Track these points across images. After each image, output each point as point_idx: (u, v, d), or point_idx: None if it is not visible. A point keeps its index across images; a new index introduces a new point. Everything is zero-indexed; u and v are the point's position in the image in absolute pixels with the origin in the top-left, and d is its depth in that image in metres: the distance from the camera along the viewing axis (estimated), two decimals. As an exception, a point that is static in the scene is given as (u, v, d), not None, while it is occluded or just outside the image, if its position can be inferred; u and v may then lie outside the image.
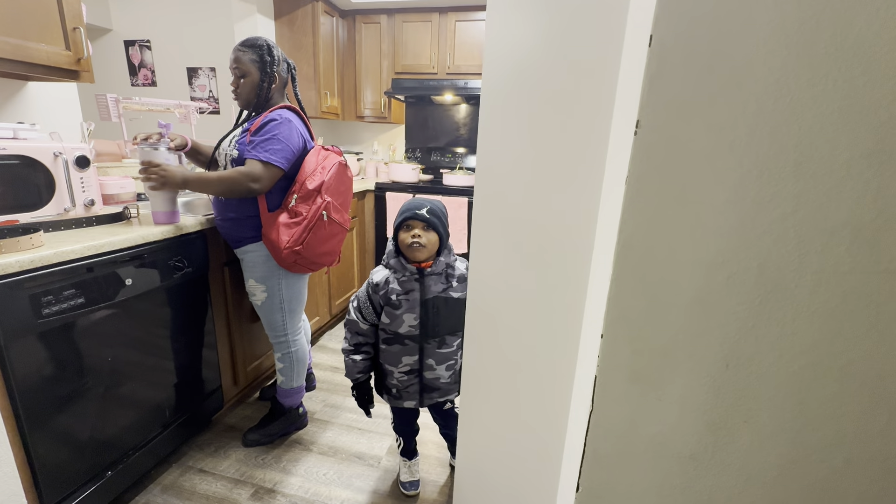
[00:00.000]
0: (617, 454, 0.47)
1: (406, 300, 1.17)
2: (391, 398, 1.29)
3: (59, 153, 1.22)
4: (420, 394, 1.26)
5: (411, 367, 1.22)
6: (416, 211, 1.14)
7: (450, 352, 1.23)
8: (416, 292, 1.17)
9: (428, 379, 1.24)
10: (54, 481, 1.09)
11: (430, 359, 1.22)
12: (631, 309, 0.42)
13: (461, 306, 1.19)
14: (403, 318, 1.17)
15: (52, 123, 1.67)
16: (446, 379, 1.25)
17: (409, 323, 1.18)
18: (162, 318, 1.37)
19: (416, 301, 1.17)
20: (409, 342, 1.20)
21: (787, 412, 0.42)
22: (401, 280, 1.17)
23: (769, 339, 0.41)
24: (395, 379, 1.24)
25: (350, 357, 1.24)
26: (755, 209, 0.38)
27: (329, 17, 2.86)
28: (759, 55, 0.35)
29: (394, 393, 1.27)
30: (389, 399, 1.29)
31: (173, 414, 1.45)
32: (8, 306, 0.95)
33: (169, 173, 1.27)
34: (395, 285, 1.17)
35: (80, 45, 1.38)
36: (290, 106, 1.42)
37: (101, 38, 2.89)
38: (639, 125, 0.38)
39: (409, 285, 1.17)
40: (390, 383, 1.26)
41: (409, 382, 1.25)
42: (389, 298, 1.17)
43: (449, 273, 1.20)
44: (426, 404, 1.29)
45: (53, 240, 1.11)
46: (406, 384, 1.25)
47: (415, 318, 1.18)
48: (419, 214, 1.13)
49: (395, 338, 1.20)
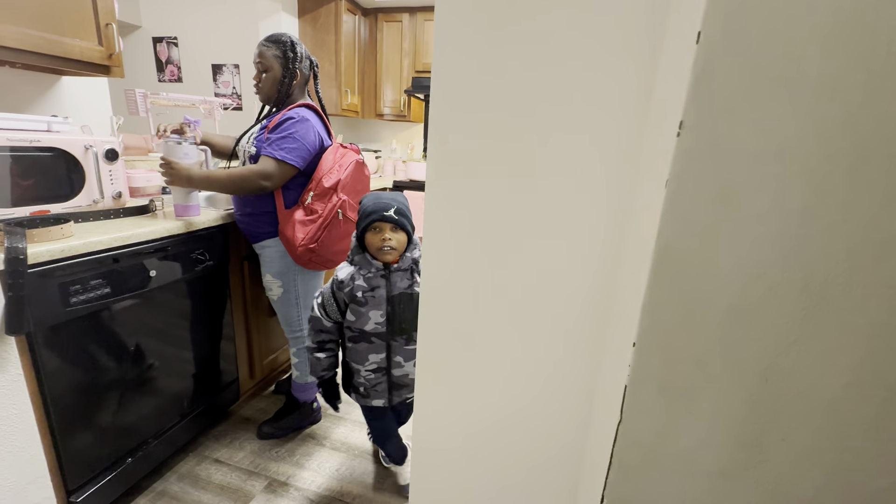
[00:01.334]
0: (644, 467, 0.45)
1: (372, 297, 1.15)
2: (359, 397, 1.26)
3: (89, 146, 1.26)
4: (389, 392, 1.24)
5: (378, 365, 1.20)
6: (384, 213, 1.10)
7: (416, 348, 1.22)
8: (383, 289, 1.15)
9: (396, 376, 1.22)
10: (77, 465, 1.13)
11: (398, 356, 1.20)
12: (665, 318, 0.41)
13: None
14: (369, 315, 1.15)
15: (83, 117, 1.72)
16: (414, 375, 1.21)
17: (376, 320, 1.16)
18: (182, 310, 1.40)
19: (382, 298, 1.15)
20: (376, 339, 1.18)
21: (827, 432, 0.40)
22: (366, 277, 1.15)
23: (811, 354, 0.39)
24: (361, 377, 1.22)
25: (314, 355, 1.23)
26: (802, 217, 0.36)
27: (352, 16, 2.88)
28: (812, 55, 0.34)
29: (361, 391, 1.25)
30: (357, 398, 1.27)
31: (191, 404, 1.48)
32: (39, 294, 0.98)
33: (175, 171, 1.29)
34: (360, 282, 1.14)
35: (112, 41, 1.42)
36: (309, 104, 1.43)
37: (130, 35, 2.97)
38: (682, 126, 0.36)
39: (375, 282, 1.15)
40: (357, 381, 1.24)
41: (376, 381, 1.22)
42: (355, 295, 1.14)
43: (414, 268, 1.18)
44: (395, 402, 1.27)
45: (82, 230, 1.14)
46: (374, 382, 1.23)
47: (381, 314, 1.16)
48: (388, 217, 1.10)
49: (360, 335, 1.18)
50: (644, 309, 0.42)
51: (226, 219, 1.49)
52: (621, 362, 0.47)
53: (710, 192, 0.38)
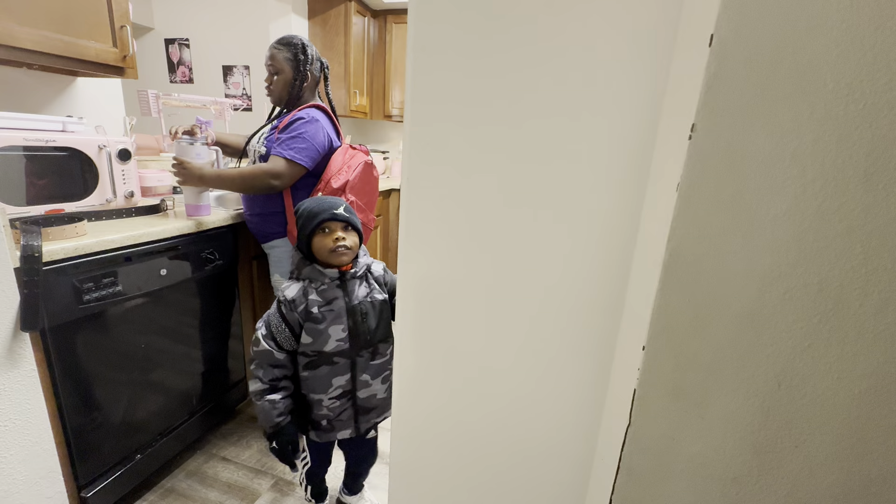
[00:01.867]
0: (654, 472, 0.45)
1: (330, 311, 1.02)
2: (320, 433, 1.09)
3: (103, 146, 1.28)
4: (355, 419, 1.10)
5: (343, 389, 1.06)
6: (334, 211, 1.00)
7: (384, 362, 1.10)
8: (341, 300, 1.03)
9: (363, 399, 1.09)
10: (88, 461, 1.14)
11: (364, 374, 1.07)
12: (676, 321, 0.41)
13: (388, 309, 1.09)
14: (329, 332, 1.02)
15: (97, 117, 1.74)
16: (382, 394, 1.11)
17: (337, 336, 1.02)
18: (192, 309, 1.42)
19: (341, 309, 1.02)
20: (339, 359, 1.04)
21: (843, 439, 0.39)
22: (320, 289, 1.02)
23: (827, 359, 0.38)
24: (324, 408, 1.06)
25: (266, 399, 1.01)
26: (818, 221, 0.36)
27: (361, 17, 2.89)
28: (828, 57, 0.33)
29: (324, 425, 1.08)
30: (318, 434, 1.10)
31: (199, 402, 1.49)
32: (53, 291, 0.99)
33: (187, 170, 1.30)
34: (314, 296, 1.01)
35: (126, 43, 1.44)
36: (319, 105, 1.44)
37: (143, 37, 3.01)
38: (694, 129, 0.36)
39: (331, 293, 1.02)
40: (319, 414, 1.07)
41: (341, 408, 1.08)
42: (310, 312, 1.00)
43: (370, 275, 1.09)
44: (363, 430, 1.13)
45: (95, 229, 1.16)
46: (338, 411, 1.07)
47: (343, 329, 1.03)
48: (338, 215, 1.00)
49: (320, 358, 1.03)
50: (654, 312, 0.42)
51: (235, 219, 1.50)
52: (630, 366, 0.47)
53: (723, 195, 0.37)
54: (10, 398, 0.91)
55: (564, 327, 0.55)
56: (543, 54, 0.47)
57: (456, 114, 0.52)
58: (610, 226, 0.51)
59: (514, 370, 0.59)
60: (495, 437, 0.62)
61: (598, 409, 0.59)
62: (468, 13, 0.49)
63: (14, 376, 0.92)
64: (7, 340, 0.90)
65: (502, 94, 0.50)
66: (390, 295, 1.11)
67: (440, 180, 0.55)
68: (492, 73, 0.49)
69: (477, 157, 0.52)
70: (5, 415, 0.91)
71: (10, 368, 0.91)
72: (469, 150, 0.53)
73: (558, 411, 0.59)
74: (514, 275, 0.55)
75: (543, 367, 0.58)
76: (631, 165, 0.49)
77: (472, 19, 0.49)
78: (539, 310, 0.55)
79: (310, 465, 1.22)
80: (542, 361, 0.57)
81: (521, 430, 0.61)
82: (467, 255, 0.56)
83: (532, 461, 0.62)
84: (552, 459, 0.61)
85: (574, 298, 0.54)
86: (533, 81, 0.48)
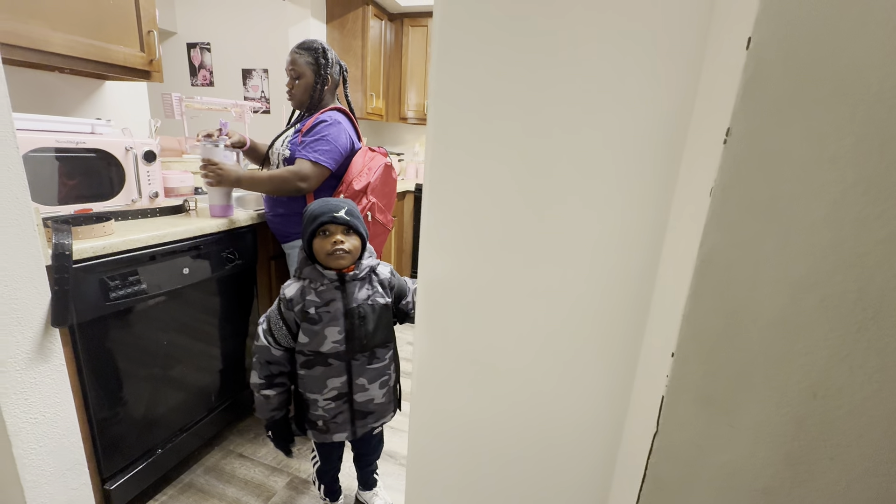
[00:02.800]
0: (681, 481, 0.44)
1: (326, 312, 1.01)
2: (317, 433, 1.10)
3: (130, 147, 1.31)
4: (352, 422, 1.10)
5: (339, 391, 1.06)
6: (334, 214, 0.99)
7: (382, 366, 1.09)
8: (338, 301, 1.02)
9: (360, 402, 1.08)
10: (112, 454, 1.17)
11: (361, 378, 1.06)
12: (707, 328, 0.40)
13: (388, 313, 1.08)
14: (325, 333, 1.01)
15: (123, 120, 1.79)
16: (381, 399, 1.11)
17: (333, 338, 1.02)
18: (212, 307, 1.44)
19: (338, 311, 1.02)
20: (334, 361, 1.03)
21: (882, 453, 0.38)
22: (318, 290, 1.02)
23: (866, 370, 0.37)
24: (319, 409, 1.06)
25: (262, 393, 1.05)
26: (858, 228, 0.35)
27: (378, 21, 2.92)
28: (872, 59, 0.32)
29: (320, 426, 1.09)
30: (315, 434, 1.11)
31: (218, 399, 1.52)
32: (82, 289, 1.02)
33: (225, 172, 1.33)
34: (312, 297, 1.01)
35: (152, 48, 1.48)
36: (340, 108, 1.46)
37: (166, 41, 3.09)
38: (729, 133, 0.36)
39: (329, 294, 1.02)
40: (315, 415, 1.07)
41: (337, 410, 1.07)
42: (307, 313, 1.01)
43: (374, 277, 1.07)
44: (360, 434, 1.12)
45: (121, 228, 1.19)
46: (334, 413, 1.07)
47: (339, 331, 1.02)
48: (338, 217, 0.99)
49: (316, 358, 1.03)
50: (685, 319, 0.41)
51: (255, 219, 1.52)
52: (658, 372, 0.46)
53: (759, 200, 0.37)
54: (40, 392, 0.94)
55: (586, 331, 0.54)
56: (571, 52, 0.47)
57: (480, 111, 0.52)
58: (635, 229, 0.50)
59: (533, 371, 0.58)
60: (513, 440, 0.62)
61: (621, 415, 0.58)
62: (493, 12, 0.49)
63: (44, 370, 0.95)
64: (38, 335, 0.92)
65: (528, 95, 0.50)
66: (397, 298, 1.10)
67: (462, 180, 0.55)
68: (518, 71, 0.49)
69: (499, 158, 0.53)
70: (36, 408, 0.94)
71: (41, 363, 0.94)
72: (491, 149, 0.53)
73: (578, 415, 0.58)
74: (536, 276, 0.54)
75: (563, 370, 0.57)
76: (657, 168, 0.48)
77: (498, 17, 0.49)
78: (559, 312, 0.55)
79: (319, 464, 1.23)
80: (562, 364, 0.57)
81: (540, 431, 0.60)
82: (489, 255, 0.56)
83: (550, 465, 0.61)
84: (571, 464, 0.61)
85: (597, 303, 0.53)
86: (559, 78, 0.48)
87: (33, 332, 0.91)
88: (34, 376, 0.93)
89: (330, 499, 1.30)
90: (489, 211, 0.55)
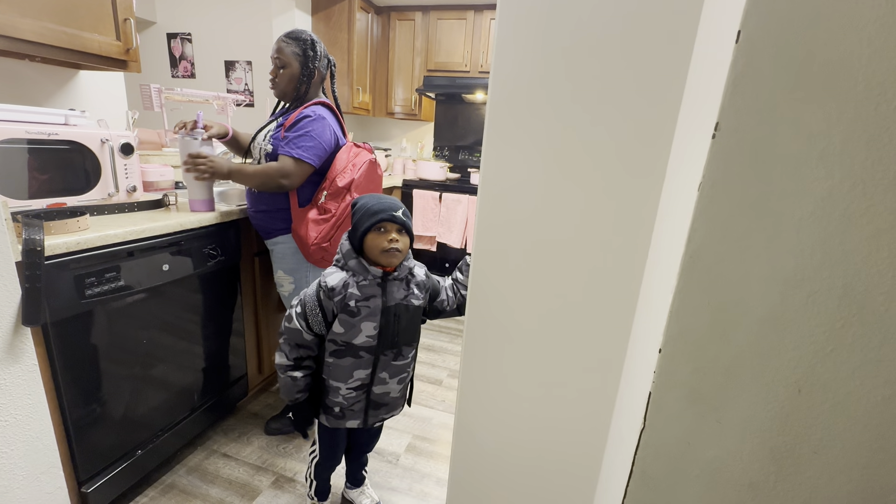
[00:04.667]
0: (668, 476, 0.44)
1: (366, 307, 1.03)
2: (331, 418, 1.13)
3: (105, 140, 1.27)
4: (365, 411, 1.13)
5: (362, 382, 1.09)
6: (393, 213, 1.00)
7: (404, 364, 1.13)
8: (378, 298, 1.04)
9: (377, 394, 1.12)
10: (89, 456, 1.13)
11: (384, 372, 1.10)
12: (694, 324, 0.40)
13: (419, 314, 1.12)
14: (362, 326, 1.04)
15: (99, 111, 1.73)
16: (396, 394, 1.15)
17: (368, 332, 1.04)
18: (194, 305, 1.41)
19: (377, 308, 1.04)
20: (365, 354, 1.06)
21: (864, 446, 0.39)
22: (361, 284, 1.03)
23: (850, 365, 0.37)
24: (340, 396, 1.09)
25: (288, 374, 1.06)
26: (844, 224, 0.35)
27: (365, 14, 2.88)
28: (860, 56, 0.32)
29: (336, 412, 1.11)
30: (329, 419, 1.13)
31: (200, 398, 1.49)
32: (55, 286, 0.98)
33: (216, 165, 1.30)
34: (354, 290, 1.02)
35: (129, 36, 1.43)
36: (325, 102, 1.43)
37: (145, 31, 2.99)
38: (718, 128, 0.35)
39: (371, 290, 1.04)
40: (333, 401, 1.10)
41: (355, 399, 1.10)
42: (347, 305, 1.02)
43: (409, 278, 1.09)
44: (371, 423, 1.15)
45: (98, 223, 1.15)
46: (352, 401, 1.10)
47: (374, 327, 1.04)
48: (397, 217, 1.00)
49: (347, 349, 1.05)
50: (671, 315, 0.41)
51: (238, 215, 1.49)
52: (645, 368, 0.46)
53: (747, 196, 0.37)
54: (10, 393, 0.90)
55: (572, 326, 0.54)
56: (561, 50, 0.46)
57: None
58: (622, 224, 0.50)
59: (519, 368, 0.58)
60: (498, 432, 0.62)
61: (608, 411, 0.58)
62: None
63: (15, 371, 0.91)
64: (8, 335, 0.89)
65: (517, 90, 0.49)
66: (431, 298, 1.14)
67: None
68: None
69: (490, 155, 0.52)
70: (6, 410, 0.90)
71: (12, 363, 0.90)
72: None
73: (564, 410, 0.58)
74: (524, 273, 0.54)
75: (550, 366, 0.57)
76: (645, 163, 0.48)
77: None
78: (544, 308, 0.54)
79: (319, 458, 1.23)
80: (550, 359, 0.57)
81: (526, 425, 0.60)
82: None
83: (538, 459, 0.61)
84: (558, 458, 0.61)
85: (583, 298, 0.53)
86: (549, 78, 0.47)
87: (2, 331, 0.88)
88: (4, 377, 0.89)
89: (318, 498, 1.29)
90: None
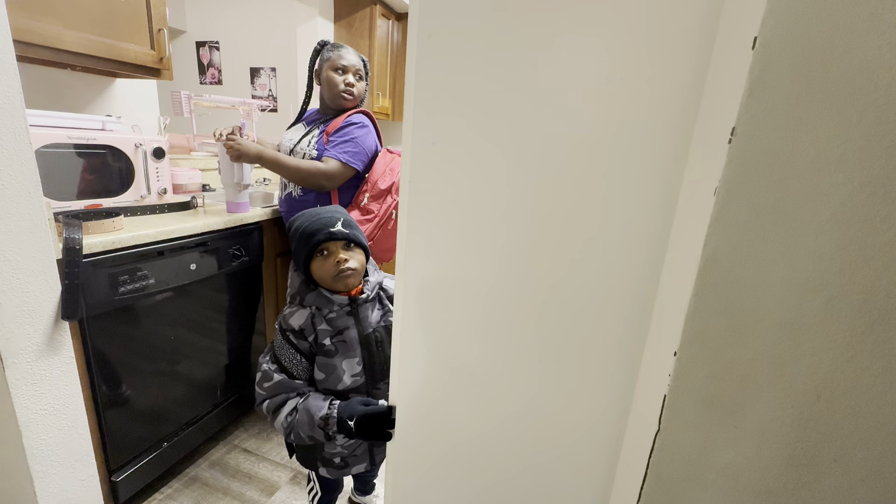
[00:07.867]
0: (683, 481, 0.44)
1: (342, 342, 0.90)
2: (332, 470, 0.99)
3: (139, 144, 1.33)
4: (370, 451, 0.99)
5: None
6: (330, 229, 0.86)
7: None
8: (352, 329, 0.90)
9: None
10: (119, 447, 1.19)
11: None
12: (711, 328, 0.40)
13: None
14: (343, 367, 0.90)
15: (133, 117, 1.81)
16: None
17: (352, 372, 0.90)
18: (219, 303, 1.46)
19: (354, 341, 0.90)
20: (355, 395, 0.91)
21: (886, 455, 0.38)
22: (328, 317, 0.89)
23: (871, 372, 0.37)
24: (338, 447, 0.96)
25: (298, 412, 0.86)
26: (865, 230, 0.35)
27: (385, 20, 2.93)
28: (881, 60, 0.32)
29: (337, 462, 0.98)
30: (331, 472, 0.99)
31: (223, 394, 1.53)
32: (91, 283, 1.04)
33: (244, 147, 1.35)
34: (323, 326, 0.89)
35: (163, 46, 1.49)
36: (366, 111, 1.50)
37: (176, 39, 3.12)
38: (734, 133, 0.36)
39: (342, 321, 0.90)
40: (331, 452, 0.97)
41: (356, 444, 0.97)
42: (322, 345, 0.89)
43: (381, 295, 0.95)
44: (379, 461, 1.01)
45: (130, 224, 1.21)
46: (353, 448, 0.97)
47: (357, 362, 0.90)
48: (336, 233, 0.87)
49: (336, 397, 0.88)
50: (688, 318, 0.41)
51: (262, 216, 1.54)
52: (660, 371, 0.46)
53: (764, 201, 0.37)
54: (50, 384, 0.96)
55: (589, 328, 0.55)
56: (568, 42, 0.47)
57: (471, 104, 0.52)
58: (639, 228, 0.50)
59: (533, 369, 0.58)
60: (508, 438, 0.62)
61: (623, 413, 0.58)
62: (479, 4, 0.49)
63: (54, 363, 0.96)
64: (49, 328, 0.94)
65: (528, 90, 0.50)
66: None
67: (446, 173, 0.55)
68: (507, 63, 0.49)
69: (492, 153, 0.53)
70: (45, 399, 0.95)
71: (51, 355, 0.95)
72: (482, 144, 0.53)
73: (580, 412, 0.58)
74: (538, 276, 0.55)
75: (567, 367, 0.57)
76: (662, 167, 0.48)
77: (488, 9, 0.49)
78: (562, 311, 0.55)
79: (320, 495, 1.15)
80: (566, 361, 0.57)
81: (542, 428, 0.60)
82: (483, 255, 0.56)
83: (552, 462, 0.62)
84: (573, 461, 0.61)
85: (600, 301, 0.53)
86: (560, 73, 0.48)
87: (44, 324, 0.93)
88: (44, 368, 0.94)
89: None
90: (481, 208, 0.55)
